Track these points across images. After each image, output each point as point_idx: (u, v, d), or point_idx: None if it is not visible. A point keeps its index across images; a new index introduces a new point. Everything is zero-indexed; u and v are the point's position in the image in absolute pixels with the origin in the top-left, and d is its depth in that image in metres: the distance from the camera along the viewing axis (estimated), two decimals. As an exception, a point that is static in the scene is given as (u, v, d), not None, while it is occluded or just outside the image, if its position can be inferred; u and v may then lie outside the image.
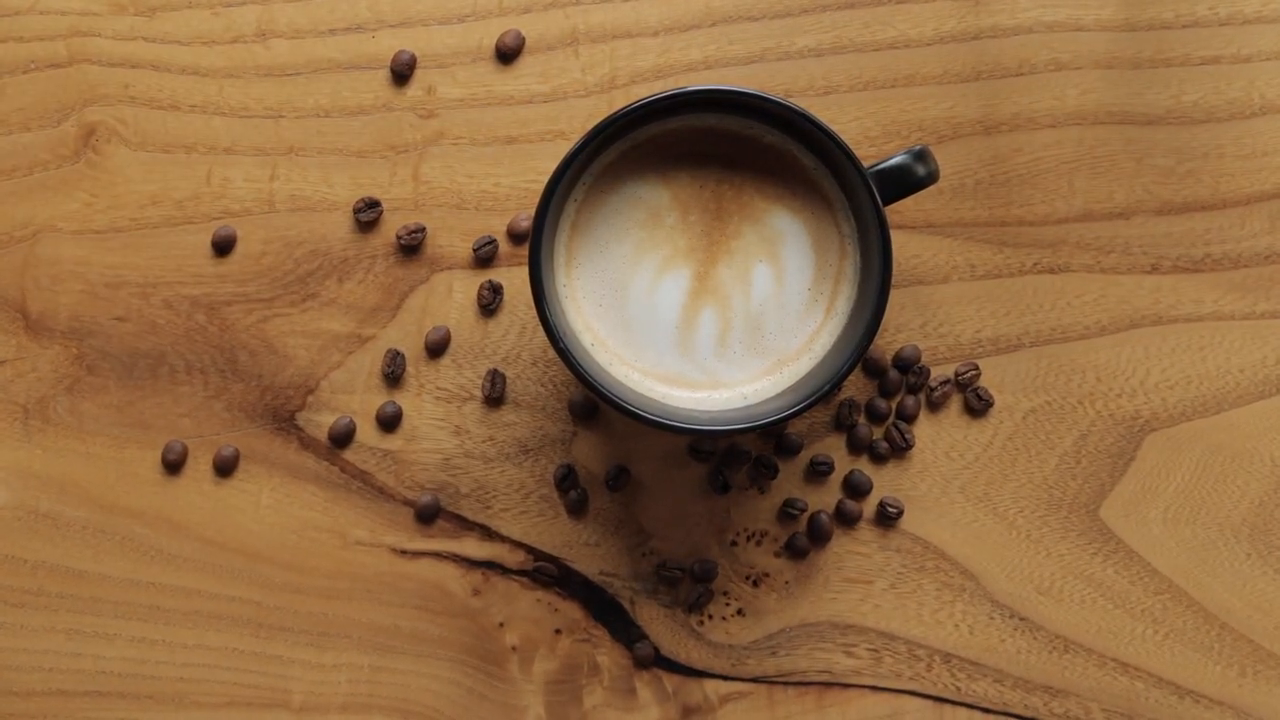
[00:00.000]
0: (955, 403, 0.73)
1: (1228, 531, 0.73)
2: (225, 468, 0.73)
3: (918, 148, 0.66)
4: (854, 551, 0.73)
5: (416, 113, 0.73)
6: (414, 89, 0.73)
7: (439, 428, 0.73)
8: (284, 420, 0.73)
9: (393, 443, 0.73)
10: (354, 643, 0.73)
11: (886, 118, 0.73)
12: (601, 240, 0.66)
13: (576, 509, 0.73)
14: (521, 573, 0.73)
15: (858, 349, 0.64)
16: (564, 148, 0.72)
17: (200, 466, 0.73)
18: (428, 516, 0.73)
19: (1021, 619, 0.73)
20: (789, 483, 0.73)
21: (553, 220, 0.65)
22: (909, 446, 0.73)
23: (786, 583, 0.73)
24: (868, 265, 0.66)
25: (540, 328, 0.72)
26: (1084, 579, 0.73)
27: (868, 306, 0.64)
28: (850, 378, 0.73)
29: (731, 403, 0.66)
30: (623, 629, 0.73)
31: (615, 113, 0.64)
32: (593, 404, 0.73)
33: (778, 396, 0.66)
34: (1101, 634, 0.73)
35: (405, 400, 0.73)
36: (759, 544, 0.73)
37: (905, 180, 0.65)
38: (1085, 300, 0.73)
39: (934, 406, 0.73)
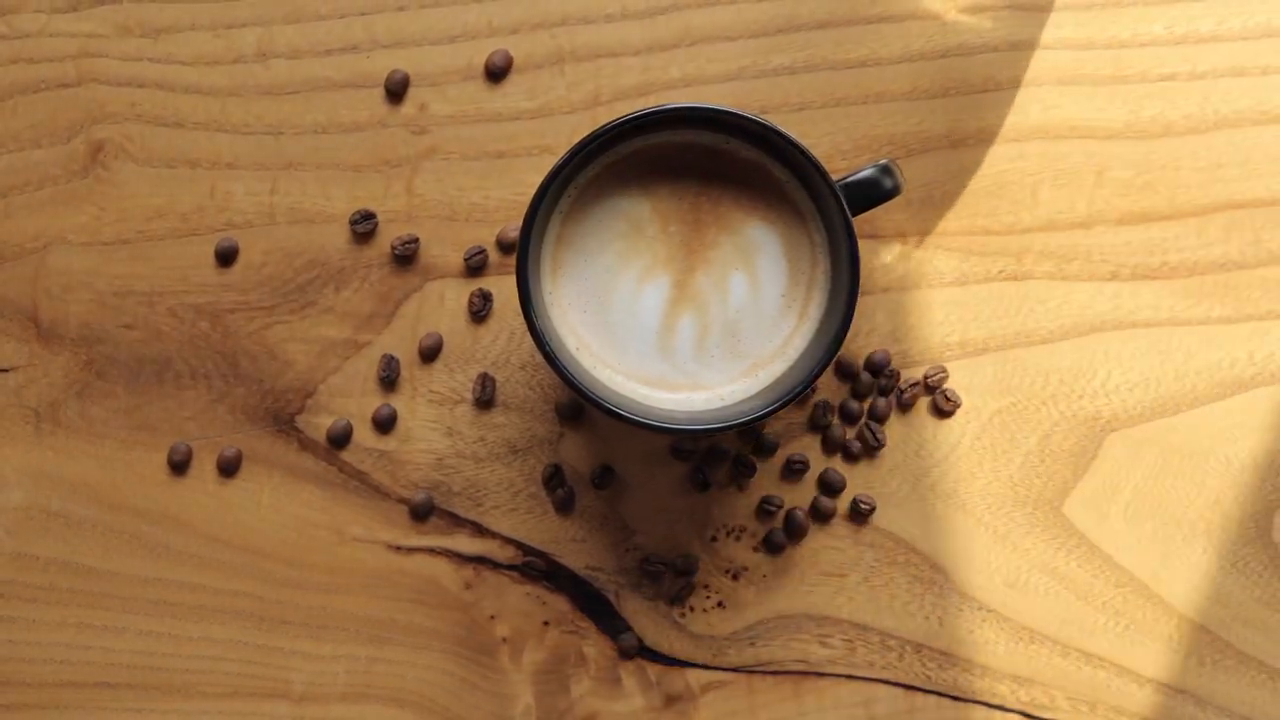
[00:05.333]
0: (924, 404, 0.74)
1: (1185, 527, 0.73)
2: (228, 468, 0.73)
3: (884, 161, 0.66)
4: (829, 546, 0.74)
5: (410, 129, 0.74)
6: (407, 106, 0.74)
7: (432, 429, 0.74)
8: (284, 422, 0.74)
9: (388, 443, 0.74)
10: (351, 635, 0.73)
11: (858, 133, 0.73)
12: (585, 250, 0.67)
13: (564, 506, 0.74)
14: (511, 567, 0.74)
15: (829, 352, 0.65)
16: (550, 162, 0.71)
17: (204, 467, 0.73)
18: (422, 514, 0.73)
19: (989, 611, 0.73)
20: (766, 481, 0.74)
21: (539, 231, 0.65)
22: (880, 446, 0.73)
23: (764, 576, 0.74)
24: (838, 273, 0.66)
25: (528, 333, 0.72)
26: (1048, 572, 0.73)
27: (838, 312, 0.65)
28: (824, 380, 0.74)
29: (710, 404, 0.67)
30: (608, 621, 0.74)
31: (598, 129, 0.64)
32: (579, 406, 0.73)
33: (753, 397, 0.66)
34: (1065, 625, 0.73)
35: (400, 403, 0.74)
36: (738, 539, 0.74)
37: (872, 192, 0.65)
38: (1048, 306, 0.74)
39: (904, 408, 0.74)
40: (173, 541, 0.74)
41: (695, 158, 0.67)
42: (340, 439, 0.74)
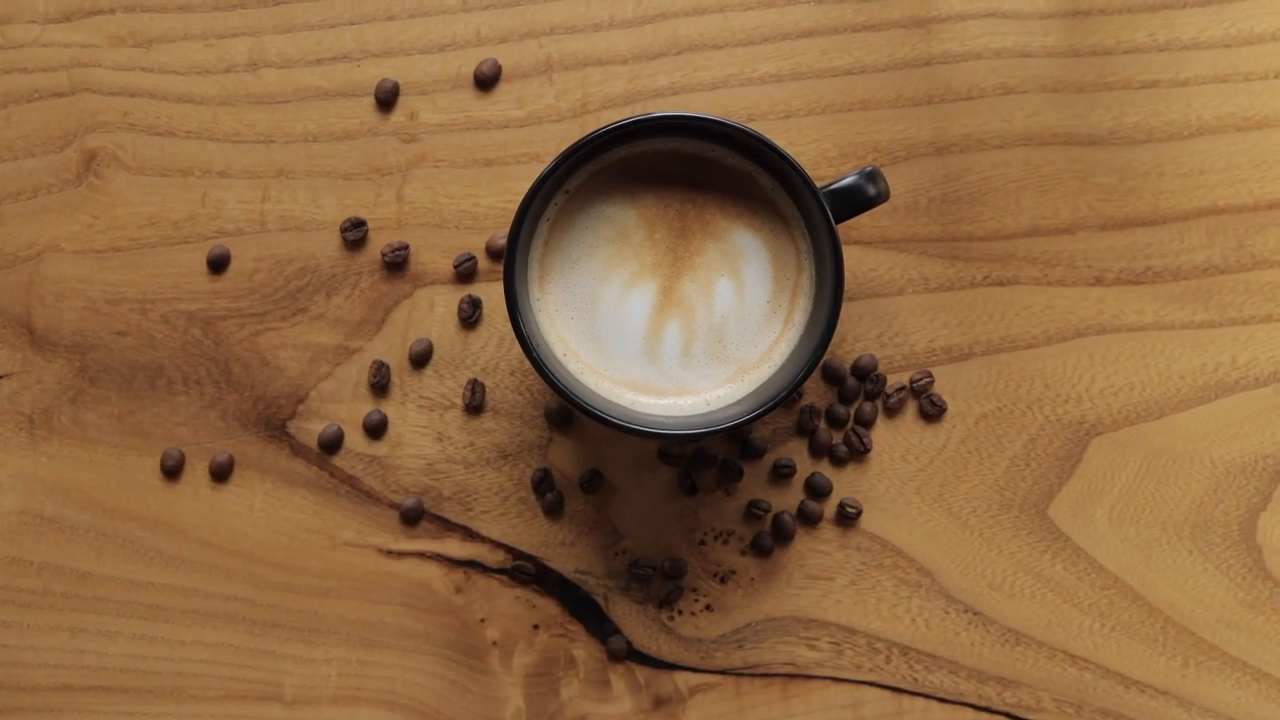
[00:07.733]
0: (910, 408, 0.74)
1: (1170, 530, 0.74)
2: (220, 474, 0.74)
3: (868, 169, 0.66)
4: (816, 550, 0.74)
5: (399, 137, 0.74)
6: (397, 115, 0.74)
7: (422, 434, 0.74)
8: (276, 428, 0.74)
9: (379, 449, 0.74)
10: (343, 638, 0.73)
11: (843, 140, 0.74)
12: (573, 256, 0.67)
13: (553, 510, 0.74)
14: (501, 571, 0.74)
15: (813, 357, 0.65)
16: (539, 169, 0.72)
17: (197, 472, 0.74)
18: (412, 518, 0.74)
19: (975, 613, 0.74)
20: (754, 485, 0.74)
21: (526, 238, 0.66)
22: (867, 450, 0.74)
23: (752, 579, 0.74)
24: (822, 279, 0.67)
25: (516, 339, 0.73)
26: (1034, 575, 0.74)
27: (822, 318, 0.65)
28: (811, 385, 0.74)
29: (696, 409, 0.67)
30: (597, 624, 0.74)
31: (586, 136, 0.65)
32: (567, 411, 0.74)
33: (739, 402, 0.67)
34: (1051, 627, 0.74)
35: (390, 409, 0.74)
36: (726, 543, 0.74)
37: (856, 199, 0.66)
38: (1033, 311, 0.74)
39: (890, 412, 0.74)
40: (165, 546, 0.74)
41: (682, 165, 0.68)
42: (331, 444, 0.74)
